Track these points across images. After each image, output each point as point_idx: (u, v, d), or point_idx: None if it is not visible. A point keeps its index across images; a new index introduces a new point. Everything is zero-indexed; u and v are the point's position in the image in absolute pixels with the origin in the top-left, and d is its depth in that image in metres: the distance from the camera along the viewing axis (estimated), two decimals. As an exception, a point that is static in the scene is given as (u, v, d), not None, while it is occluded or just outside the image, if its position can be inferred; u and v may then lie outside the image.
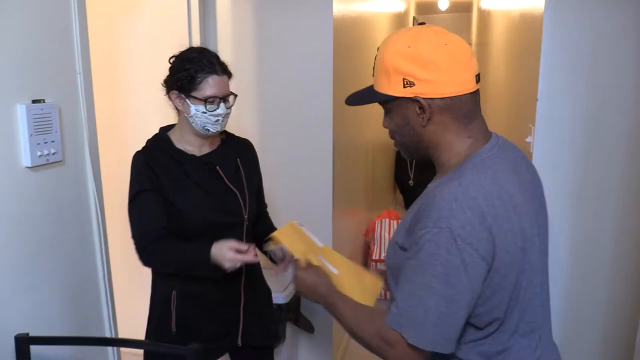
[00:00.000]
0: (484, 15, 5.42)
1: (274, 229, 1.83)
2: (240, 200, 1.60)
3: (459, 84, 0.99)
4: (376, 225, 3.80)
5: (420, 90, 0.99)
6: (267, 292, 1.81)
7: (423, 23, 1.05)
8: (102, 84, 1.77)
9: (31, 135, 1.36)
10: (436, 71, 0.97)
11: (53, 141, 1.44)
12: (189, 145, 1.58)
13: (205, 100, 1.48)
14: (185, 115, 1.52)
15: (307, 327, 2.51)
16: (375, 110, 3.83)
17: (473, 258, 0.92)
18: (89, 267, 1.62)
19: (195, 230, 1.55)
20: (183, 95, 1.50)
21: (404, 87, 0.99)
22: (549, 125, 1.97)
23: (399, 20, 5.66)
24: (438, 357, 0.98)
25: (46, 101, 1.41)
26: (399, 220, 3.84)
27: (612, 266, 1.99)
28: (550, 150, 1.98)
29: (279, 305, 2.26)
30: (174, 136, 1.59)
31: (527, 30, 2.39)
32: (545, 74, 1.96)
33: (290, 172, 2.45)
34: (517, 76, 2.55)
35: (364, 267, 3.75)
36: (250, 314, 1.66)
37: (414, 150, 1.09)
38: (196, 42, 2.30)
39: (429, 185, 1.10)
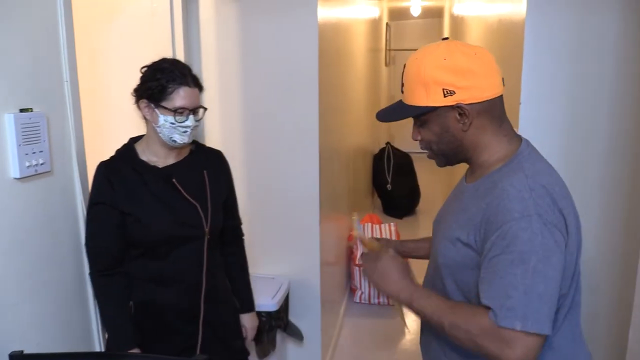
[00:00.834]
0: (457, 21, 5.53)
1: (244, 259, 1.83)
2: (201, 213, 1.58)
3: (492, 88, 1.08)
4: (358, 230, 3.81)
5: (461, 97, 1.06)
6: (233, 308, 1.77)
7: (447, 38, 1.13)
8: (86, 93, 1.73)
9: (19, 145, 1.31)
10: (474, 78, 1.06)
11: (41, 151, 1.40)
12: (155, 156, 1.57)
13: (175, 111, 1.47)
14: (153, 125, 1.51)
15: (296, 334, 2.50)
16: (357, 117, 3.85)
17: (559, 238, 0.99)
18: (77, 279, 1.57)
19: (153, 242, 1.54)
20: (152, 105, 1.49)
21: (445, 96, 1.07)
22: (532, 128, 2.02)
23: (374, 26, 5.72)
24: None
25: (34, 110, 1.37)
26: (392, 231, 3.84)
27: (597, 263, 2.04)
28: (534, 153, 2.03)
29: (269, 313, 2.25)
30: (140, 147, 1.59)
31: (507, 35, 2.44)
32: (528, 78, 2.01)
33: (277, 179, 2.45)
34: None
35: (352, 272, 3.75)
36: (211, 329, 1.64)
37: (453, 155, 1.15)
38: (179, 50, 2.27)
39: (468, 185, 1.16)
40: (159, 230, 1.53)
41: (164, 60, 1.54)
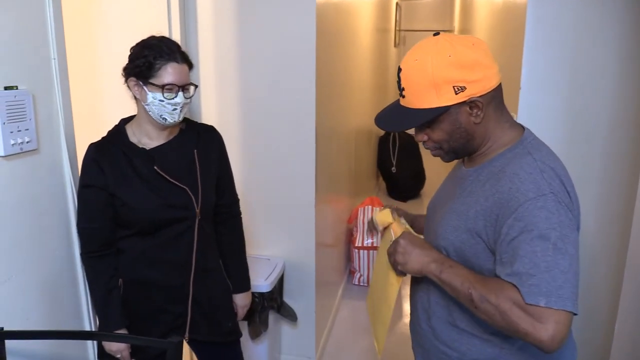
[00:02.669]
0: (467, 2, 5.42)
1: (239, 239, 1.81)
2: (191, 195, 1.56)
3: (496, 75, 1.08)
4: (359, 212, 3.80)
5: (472, 91, 1.05)
6: (224, 288, 1.76)
7: (438, 33, 1.10)
8: (79, 71, 1.72)
9: (4, 123, 1.32)
10: (481, 69, 1.05)
11: (27, 129, 1.40)
12: (145, 136, 1.56)
13: (163, 88, 1.45)
14: (143, 103, 1.49)
15: (290, 315, 2.51)
16: (362, 98, 3.80)
17: (571, 217, 0.99)
18: (66, 258, 1.59)
19: (142, 224, 1.54)
20: (141, 82, 1.47)
21: (456, 93, 1.05)
22: (531, 113, 1.98)
23: (383, 5, 5.62)
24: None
25: (19, 88, 1.37)
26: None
27: (592, 252, 2.02)
28: (532, 139, 1.99)
29: (262, 294, 2.26)
30: (131, 128, 1.57)
31: (511, 17, 2.39)
32: (528, 63, 1.96)
33: (273, 160, 2.43)
34: (499, 64, 2.55)
35: (352, 254, 3.73)
36: (200, 309, 1.64)
37: (463, 149, 1.14)
38: (176, 28, 2.25)
39: (469, 170, 1.16)
40: (148, 213, 1.52)
41: (151, 37, 1.51)
